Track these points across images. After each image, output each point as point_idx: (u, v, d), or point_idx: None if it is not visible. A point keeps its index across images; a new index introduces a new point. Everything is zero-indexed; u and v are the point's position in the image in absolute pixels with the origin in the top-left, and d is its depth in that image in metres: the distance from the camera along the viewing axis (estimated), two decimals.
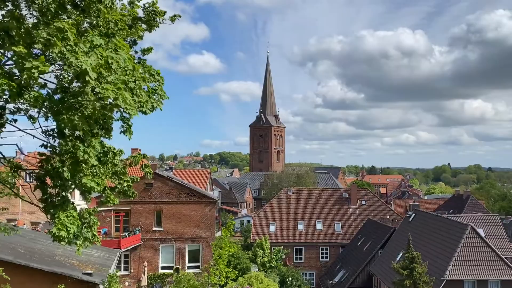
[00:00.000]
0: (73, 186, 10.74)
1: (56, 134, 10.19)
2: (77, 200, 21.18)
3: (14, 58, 8.46)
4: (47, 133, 10.44)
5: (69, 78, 9.08)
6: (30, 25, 8.89)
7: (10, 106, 9.81)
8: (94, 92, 8.66)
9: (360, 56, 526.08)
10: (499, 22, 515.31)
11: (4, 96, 8.95)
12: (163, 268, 39.14)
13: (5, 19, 8.95)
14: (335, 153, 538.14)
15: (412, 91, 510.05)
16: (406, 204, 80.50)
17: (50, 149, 10.62)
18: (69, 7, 9.37)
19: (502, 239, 45.64)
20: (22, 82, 8.54)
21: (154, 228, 39.26)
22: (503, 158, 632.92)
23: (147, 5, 11.71)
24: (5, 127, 10.20)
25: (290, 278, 46.92)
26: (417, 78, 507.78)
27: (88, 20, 9.90)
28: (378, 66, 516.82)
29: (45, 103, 9.27)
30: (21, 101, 9.28)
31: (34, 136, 10.63)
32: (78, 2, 9.56)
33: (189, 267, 38.84)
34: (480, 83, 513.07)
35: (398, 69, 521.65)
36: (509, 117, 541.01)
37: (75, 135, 9.93)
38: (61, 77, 9.35)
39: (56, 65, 9.69)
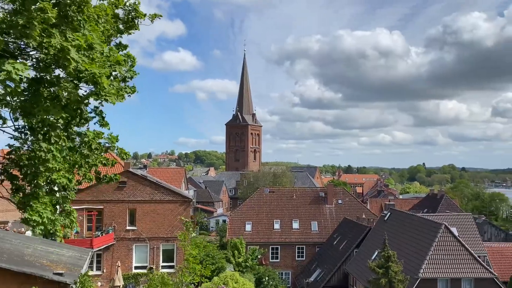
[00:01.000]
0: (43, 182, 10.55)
1: (27, 131, 10.08)
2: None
3: None
4: (18, 130, 10.27)
5: (48, 63, 8.94)
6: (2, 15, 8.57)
7: None
8: (77, 73, 8.52)
9: (337, 55, 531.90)
10: (475, 24, 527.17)
11: None
12: (136, 268, 38.54)
13: None
14: (312, 153, 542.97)
15: (388, 91, 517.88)
16: (382, 203, 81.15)
17: (20, 143, 10.48)
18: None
19: (475, 238, 46.30)
20: None
21: (128, 227, 38.63)
22: (477, 158, 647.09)
23: (128, 5, 11.55)
24: None
25: (266, 278, 46.73)
26: (394, 78, 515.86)
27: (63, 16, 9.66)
28: (356, 66, 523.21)
29: (15, 98, 9.06)
30: None
31: (4, 131, 10.50)
32: None
33: (163, 267, 38.30)
34: (455, 84, 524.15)
35: (375, 69, 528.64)
36: (483, 118, 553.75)
37: (43, 131, 9.68)
38: (37, 66, 9.20)
39: (34, 59, 9.53)
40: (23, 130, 10.33)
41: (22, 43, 9.11)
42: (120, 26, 11.72)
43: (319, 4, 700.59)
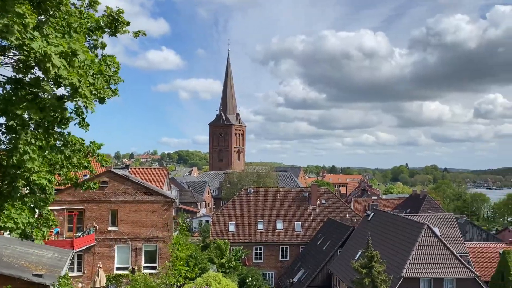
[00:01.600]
0: (21, 182, 10.28)
1: (5, 130, 9.83)
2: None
3: None
4: None
5: (29, 65, 8.69)
6: None
7: None
8: (57, 78, 8.25)
9: (322, 56, 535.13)
10: (458, 26, 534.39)
11: None
12: (118, 269, 38.01)
13: None
14: (296, 153, 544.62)
15: (372, 92, 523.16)
16: (365, 204, 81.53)
17: None
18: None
19: (457, 238, 46.71)
20: None
21: (109, 228, 38.08)
22: (459, 159, 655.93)
23: (112, 12, 11.33)
24: None
25: (250, 279, 46.56)
26: (378, 79, 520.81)
27: (44, 13, 9.40)
28: (340, 66, 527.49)
29: None
30: None
31: None
32: None
33: (146, 268, 37.88)
34: (438, 85, 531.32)
35: (360, 70, 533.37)
36: (465, 120, 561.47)
37: (17, 130, 9.43)
38: (17, 66, 8.95)
39: (10, 56, 9.29)
40: (1, 128, 10.04)
41: (1, 41, 8.84)
42: (105, 29, 11.52)
43: (304, 4, 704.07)
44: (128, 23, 11.62)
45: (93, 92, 9.54)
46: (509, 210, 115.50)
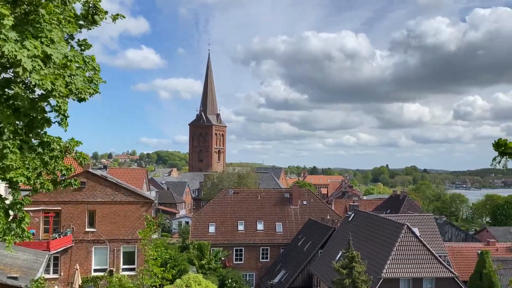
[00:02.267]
0: None
1: None
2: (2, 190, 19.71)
3: None
4: None
5: (3, 65, 8.30)
6: None
7: None
8: (30, 82, 7.87)
9: (304, 56, 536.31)
10: (438, 29, 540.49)
11: None
12: (96, 270, 37.44)
13: None
14: (277, 153, 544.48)
15: (354, 93, 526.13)
16: (346, 204, 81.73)
17: None
18: None
19: (436, 238, 47.07)
20: None
21: (87, 229, 37.44)
22: (438, 160, 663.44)
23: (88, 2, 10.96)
24: None
25: (229, 280, 46.27)
26: (359, 80, 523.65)
27: (18, 11, 8.97)
28: (322, 67, 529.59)
29: None
30: None
31: None
32: None
33: (124, 269, 37.35)
34: (418, 87, 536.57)
35: (341, 71, 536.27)
36: (444, 121, 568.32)
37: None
38: None
39: None
40: None
41: None
42: (80, 22, 11.10)
43: (285, 4, 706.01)
44: (106, 12, 11.27)
45: (73, 92, 9.14)
46: (487, 211, 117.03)
